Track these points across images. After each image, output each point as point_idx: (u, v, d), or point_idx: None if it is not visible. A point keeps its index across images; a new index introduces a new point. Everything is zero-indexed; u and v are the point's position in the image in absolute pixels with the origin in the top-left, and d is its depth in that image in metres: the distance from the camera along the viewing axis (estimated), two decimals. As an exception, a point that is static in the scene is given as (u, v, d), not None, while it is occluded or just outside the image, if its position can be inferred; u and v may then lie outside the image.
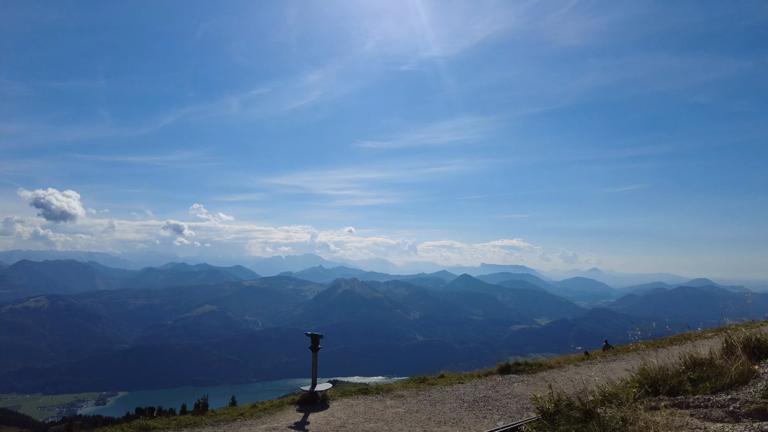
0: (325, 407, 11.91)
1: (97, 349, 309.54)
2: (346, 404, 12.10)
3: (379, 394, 13.00)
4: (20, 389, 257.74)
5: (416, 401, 12.19)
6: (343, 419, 10.82)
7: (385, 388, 13.54)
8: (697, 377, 7.57)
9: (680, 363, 8.43)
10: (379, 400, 12.35)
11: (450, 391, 13.00)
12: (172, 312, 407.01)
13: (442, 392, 12.97)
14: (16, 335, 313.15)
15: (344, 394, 12.96)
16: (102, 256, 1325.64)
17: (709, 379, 7.45)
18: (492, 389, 13.06)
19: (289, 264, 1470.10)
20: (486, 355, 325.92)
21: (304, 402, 12.36)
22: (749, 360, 7.81)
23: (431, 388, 13.38)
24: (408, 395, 12.76)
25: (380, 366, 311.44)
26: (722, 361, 7.92)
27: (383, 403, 12.05)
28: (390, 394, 12.85)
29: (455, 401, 12.03)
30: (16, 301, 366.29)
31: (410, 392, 13.03)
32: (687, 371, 7.89)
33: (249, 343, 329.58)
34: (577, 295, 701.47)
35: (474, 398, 12.20)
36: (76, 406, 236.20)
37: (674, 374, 7.91)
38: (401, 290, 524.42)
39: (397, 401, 12.23)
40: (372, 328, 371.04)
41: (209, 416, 11.21)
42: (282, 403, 12.33)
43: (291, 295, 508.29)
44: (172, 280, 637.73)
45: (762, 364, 7.78)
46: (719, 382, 7.27)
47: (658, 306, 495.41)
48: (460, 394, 12.73)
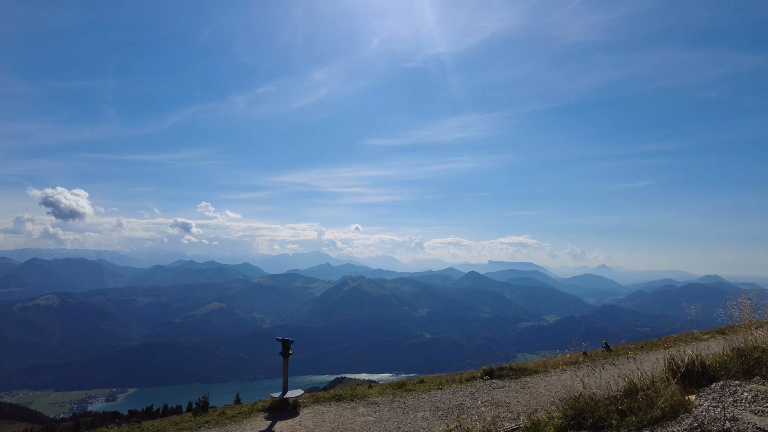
0: (295, 414, 11.51)
1: (106, 347, 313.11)
2: (316, 412, 11.68)
3: (353, 400, 12.56)
4: (32, 386, 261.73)
5: (389, 409, 11.74)
6: (310, 428, 10.41)
7: (360, 394, 13.11)
8: (626, 408, 6.73)
9: (618, 388, 7.69)
10: (351, 408, 11.91)
11: (426, 398, 12.53)
12: (181, 309, 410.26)
13: (417, 399, 12.50)
14: (27, 332, 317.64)
15: (317, 401, 12.55)
16: (111, 254, 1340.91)
17: (639, 411, 6.62)
18: (470, 396, 12.56)
19: (296, 261, 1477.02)
20: (494, 353, 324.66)
21: (274, 409, 11.97)
22: (683, 390, 6.94)
23: (408, 395, 12.92)
24: (382, 402, 12.31)
25: (388, 363, 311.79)
26: (654, 390, 7.04)
27: (355, 411, 11.62)
28: (364, 401, 12.41)
29: (429, 409, 11.55)
30: (27, 299, 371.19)
31: (385, 399, 12.58)
32: (619, 400, 7.12)
33: (257, 340, 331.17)
34: (585, 292, 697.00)
35: (449, 406, 11.71)
36: (86, 403, 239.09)
37: (604, 404, 7.13)
38: (408, 287, 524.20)
39: (370, 408, 11.79)
40: (379, 326, 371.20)
41: (173, 423, 10.88)
42: (252, 410, 11.95)
43: (298, 293, 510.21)
44: (180, 278, 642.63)
45: (701, 394, 6.91)
46: (647, 415, 6.45)
47: (667, 303, 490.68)
48: (436, 401, 12.25)
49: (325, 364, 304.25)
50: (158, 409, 73.06)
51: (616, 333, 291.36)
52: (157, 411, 71.05)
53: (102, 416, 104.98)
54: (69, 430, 69.25)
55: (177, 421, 11.09)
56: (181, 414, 14.16)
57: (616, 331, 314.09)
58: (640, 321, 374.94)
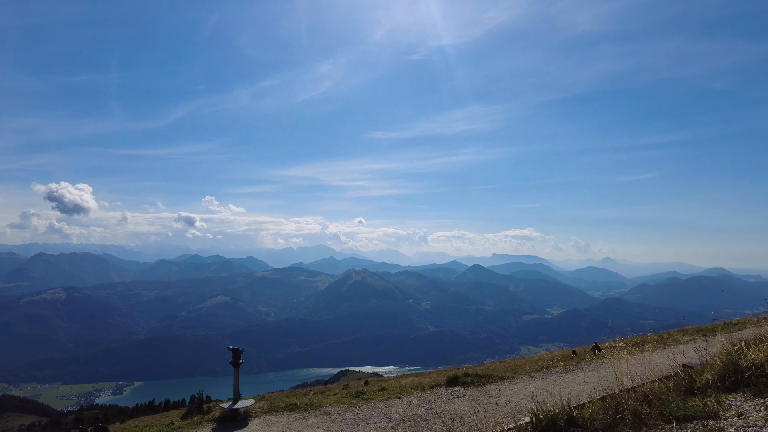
0: (244, 425, 11.23)
1: (113, 340, 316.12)
2: (266, 423, 11.39)
3: (306, 411, 12.25)
4: (40, 379, 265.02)
5: (341, 420, 11.42)
6: (255, 441, 10.15)
7: (315, 403, 12.80)
8: None
9: None
10: (302, 419, 11.61)
11: (381, 408, 12.20)
12: (186, 303, 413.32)
13: (372, 409, 12.17)
14: (35, 326, 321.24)
15: (270, 410, 12.27)
16: (116, 249, 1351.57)
17: None
18: (427, 406, 12.22)
19: (300, 255, 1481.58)
20: (498, 346, 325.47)
21: (223, 420, 11.70)
22: None
23: (364, 404, 12.60)
24: (336, 413, 12.00)
25: (392, 356, 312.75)
26: None
27: (305, 422, 11.31)
28: (317, 411, 12.11)
29: (381, 420, 11.22)
30: (34, 293, 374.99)
31: (340, 409, 12.27)
32: None
33: (262, 333, 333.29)
34: (589, 285, 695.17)
35: (403, 417, 11.37)
36: (93, 396, 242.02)
37: None
38: (412, 281, 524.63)
39: (321, 419, 11.48)
40: (383, 319, 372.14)
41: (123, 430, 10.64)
42: (201, 421, 11.71)
43: (303, 286, 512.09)
44: (185, 272, 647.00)
45: None
46: None
47: (672, 296, 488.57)
48: (390, 411, 11.92)
49: (330, 357, 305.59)
50: (160, 403, 73.69)
51: (621, 326, 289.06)
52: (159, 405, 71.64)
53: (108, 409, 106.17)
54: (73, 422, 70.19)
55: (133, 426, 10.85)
56: (137, 418, 13.99)
57: (621, 324, 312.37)
58: (645, 313, 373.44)
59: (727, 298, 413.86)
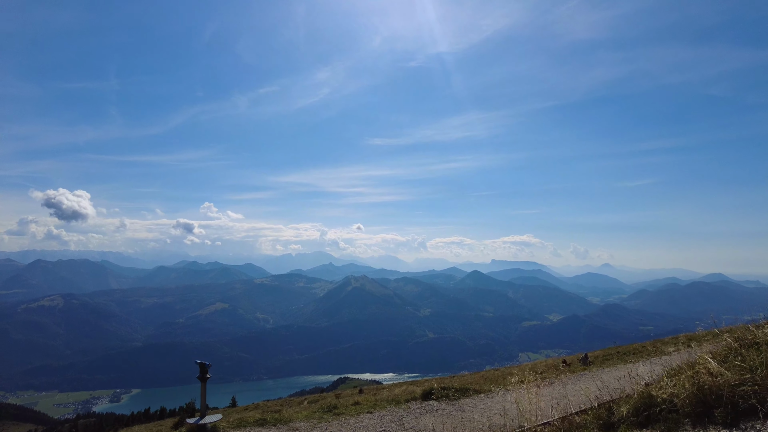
0: (211, 442, 11.12)
1: (110, 347, 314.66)
2: (233, 439, 11.28)
3: (275, 426, 12.11)
4: (37, 386, 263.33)
5: (308, 436, 11.30)
6: (219, 459, 10.02)
7: (285, 418, 12.67)
8: None
9: None
10: (269, 435, 11.49)
11: (351, 424, 12.06)
12: (184, 310, 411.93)
13: (342, 425, 12.03)
14: (32, 333, 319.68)
15: (240, 425, 12.13)
16: (114, 255, 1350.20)
17: None
18: (398, 421, 12.08)
19: (299, 262, 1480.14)
20: (497, 352, 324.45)
21: (190, 436, 11.59)
22: None
23: (334, 419, 12.47)
24: (304, 428, 11.84)
25: (391, 363, 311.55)
26: None
27: (271, 439, 11.20)
28: (286, 427, 11.97)
29: (349, 437, 11.12)
30: (31, 300, 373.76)
31: (309, 424, 12.13)
32: None
33: (260, 340, 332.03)
34: (589, 291, 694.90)
35: (371, 433, 11.26)
36: (91, 404, 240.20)
37: None
38: (411, 287, 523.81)
39: (288, 436, 11.35)
40: (382, 325, 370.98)
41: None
42: (168, 437, 11.55)
43: (301, 293, 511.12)
44: (183, 279, 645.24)
45: None
46: None
47: (671, 302, 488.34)
48: (359, 427, 11.77)
49: (329, 364, 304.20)
50: (156, 411, 73.26)
51: (620, 332, 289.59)
52: (155, 413, 71.25)
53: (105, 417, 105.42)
54: None
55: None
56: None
57: (620, 330, 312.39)
58: (644, 320, 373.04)
59: (727, 304, 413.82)
